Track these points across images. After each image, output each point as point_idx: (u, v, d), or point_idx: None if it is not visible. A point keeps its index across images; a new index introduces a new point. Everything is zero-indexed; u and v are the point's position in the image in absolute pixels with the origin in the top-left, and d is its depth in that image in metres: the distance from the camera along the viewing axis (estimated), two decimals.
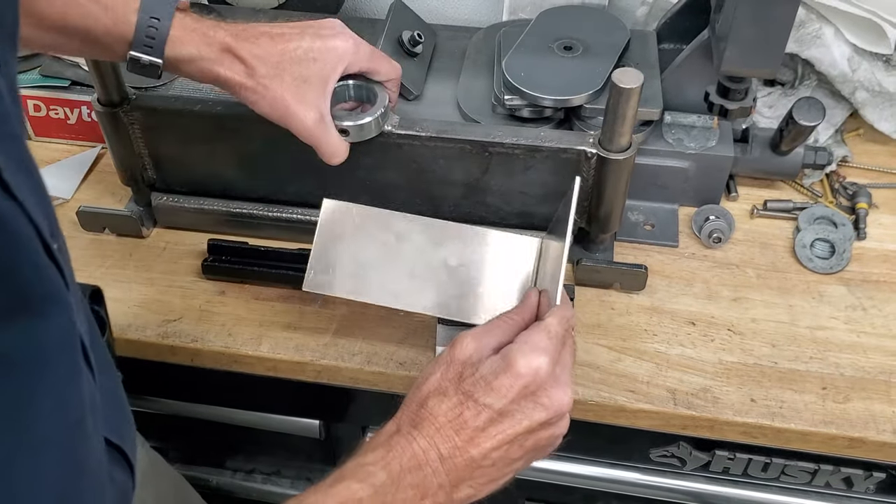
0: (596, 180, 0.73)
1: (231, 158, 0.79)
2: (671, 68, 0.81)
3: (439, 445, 0.51)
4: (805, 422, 0.68)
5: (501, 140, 0.72)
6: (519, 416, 0.52)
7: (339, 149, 0.69)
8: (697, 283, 0.79)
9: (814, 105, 0.79)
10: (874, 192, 0.87)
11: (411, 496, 0.50)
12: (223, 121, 0.75)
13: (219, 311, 0.76)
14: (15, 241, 0.37)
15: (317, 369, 0.73)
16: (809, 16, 0.86)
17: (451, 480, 0.51)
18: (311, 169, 0.72)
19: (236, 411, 0.87)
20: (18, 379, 0.39)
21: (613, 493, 0.84)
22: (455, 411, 0.52)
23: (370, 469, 0.50)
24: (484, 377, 0.53)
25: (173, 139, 0.78)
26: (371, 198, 0.73)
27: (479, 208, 0.78)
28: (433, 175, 0.76)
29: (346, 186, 0.75)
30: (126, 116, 0.76)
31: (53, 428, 0.42)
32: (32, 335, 0.39)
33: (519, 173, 0.75)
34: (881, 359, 0.72)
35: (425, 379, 0.55)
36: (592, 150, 0.71)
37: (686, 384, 0.70)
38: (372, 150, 0.73)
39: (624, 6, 0.99)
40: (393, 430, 0.53)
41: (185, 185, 0.82)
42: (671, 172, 0.82)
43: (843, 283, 0.79)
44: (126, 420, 0.55)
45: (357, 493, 0.48)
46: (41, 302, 0.39)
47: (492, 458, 0.52)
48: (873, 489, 0.77)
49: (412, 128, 0.73)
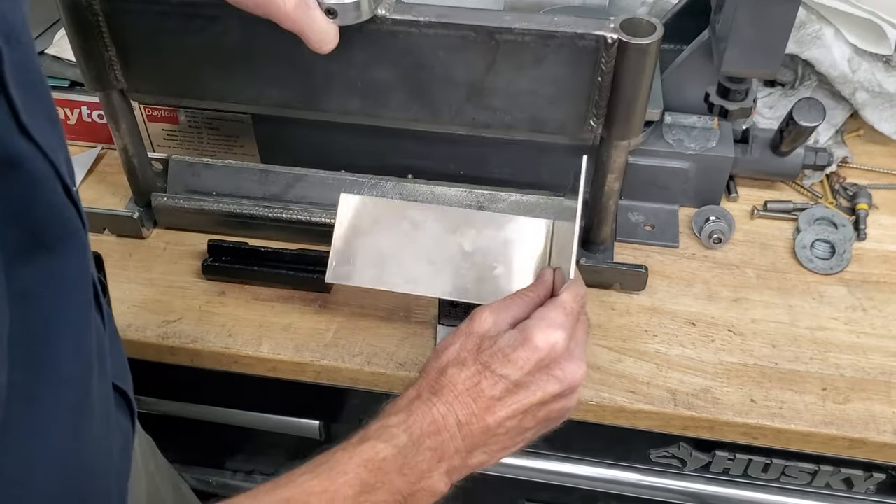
0: (616, 74, 0.66)
1: (206, 55, 0.72)
2: (671, 69, 0.81)
3: (457, 412, 0.53)
4: (805, 422, 0.68)
5: (510, 25, 0.65)
6: (533, 388, 0.54)
7: (328, 33, 0.62)
8: (697, 284, 0.79)
9: (814, 106, 0.79)
10: (874, 192, 0.87)
11: (429, 458, 0.52)
12: (196, 7, 0.68)
13: (219, 312, 0.76)
14: (33, 181, 0.39)
15: (317, 370, 0.73)
16: (809, 16, 0.86)
17: (466, 446, 0.54)
18: (297, 69, 0.68)
19: (236, 412, 0.87)
20: (40, 315, 0.41)
21: (613, 493, 0.84)
22: (473, 380, 0.54)
23: (393, 431, 0.52)
24: (502, 350, 0.55)
25: (142, 32, 0.71)
26: (362, 102, 0.69)
27: (482, 114, 0.71)
28: (432, 72, 0.69)
29: (334, 90, 0.70)
30: (89, 5, 0.68)
31: (72, 366, 0.44)
32: (51, 273, 0.41)
33: (529, 67, 0.67)
34: (881, 359, 0.72)
35: (444, 349, 0.57)
36: (613, 35, 0.63)
37: (686, 385, 0.70)
38: (363, 41, 0.67)
39: (624, 6, 0.99)
40: (413, 396, 0.55)
41: (156, 88, 0.75)
42: (671, 173, 0.82)
43: (843, 284, 0.79)
44: (126, 367, 0.58)
45: (381, 452, 0.51)
46: (59, 241, 0.41)
47: (506, 427, 0.54)
48: (873, 490, 0.77)
49: (409, 12, 0.65)
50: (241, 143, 0.87)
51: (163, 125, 0.88)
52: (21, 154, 0.38)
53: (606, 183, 0.73)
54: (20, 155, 0.38)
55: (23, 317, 0.38)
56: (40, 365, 0.41)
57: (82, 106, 0.91)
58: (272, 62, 0.71)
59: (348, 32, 0.64)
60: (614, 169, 0.72)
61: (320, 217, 0.79)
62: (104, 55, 0.72)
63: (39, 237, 0.40)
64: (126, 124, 0.78)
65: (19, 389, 0.39)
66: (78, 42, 0.71)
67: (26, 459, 0.41)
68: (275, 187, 0.83)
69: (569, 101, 0.68)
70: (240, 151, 0.88)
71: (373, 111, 0.69)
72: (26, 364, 0.40)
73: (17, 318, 0.38)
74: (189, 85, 0.75)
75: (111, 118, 0.77)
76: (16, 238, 0.38)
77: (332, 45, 0.63)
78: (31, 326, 0.40)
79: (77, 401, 0.45)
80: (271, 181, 0.83)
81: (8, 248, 0.37)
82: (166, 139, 0.89)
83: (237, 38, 0.70)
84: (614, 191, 0.74)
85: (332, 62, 0.66)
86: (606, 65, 0.65)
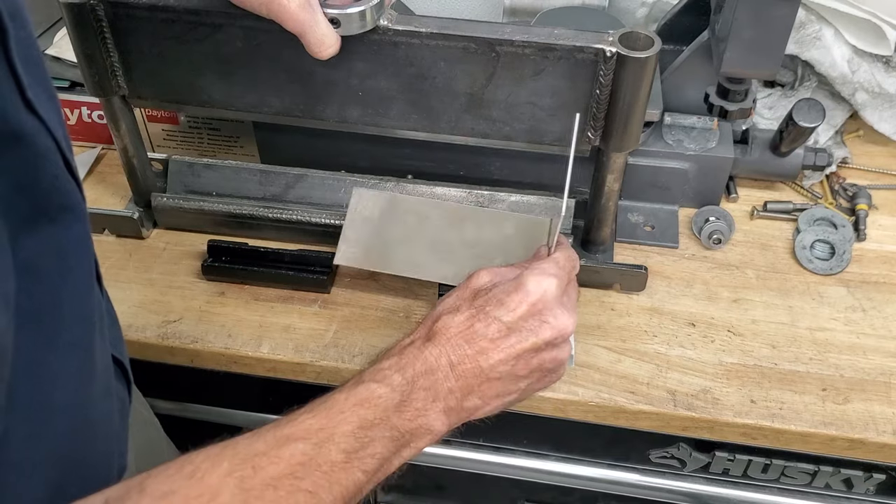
0: (614, 87, 0.67)
1: (208, 63, 0.72)
2: (671, 69, 0.81)
3: (450, 353, 0.55)
4: (805, 423, 0.68)
5: (510, 38, 0.66)
6: (525, 333, 0.56)
7: (328, 36, 0.62)
8: (697, 284, 0.79)
9: (814, 106, 0.79)
10: (874, 193, 0.87)
11: (423, 397, 0.53)
12: (200, 16, 0.69)
13: (218, 312, 0.76)
14: (37, 155, 0.41)
15: (317, 370, 0.73)
16: (809, 17, 0.86)
17: (460, 386, 0.55)
18: (298, 78, 0.68)
19: (236, 412, 0.87)
20: (45, 283, 0.43)
21: (613, 494, 0.84)
22: (466, 323, 0.56)
23: (386, 373, 0.54)
24: (496, 295, 0.57)
25: (145, 39, 0.71)
26: (363, 111, 0.70)
27: (481, 125, 0.72)
28: (433, 83, 0.70)
29: (335, 99, 0.71)
30: (92, 10, 0.69)
31: (77, 330, 0.47)
32: (55, 242, 0.43)
33: (528, 79, 0.68)
34: (881, 360, 0.72)
35: (441, 302, 0.60)
36: (612, 48, 0.65)
37: (686, 385, 0.70)
38: (365, 51, 0.67)
39: (624, 7, 0.99)
40: (406, 343, 0.57)
41: (158, 95, 0.76)
42: (671, 173, 0.82)
43: (842, 285, 0.79)
44: (121, 336, 0.60)
45: (376, 391, 0.52)
46: (61, 211, 0.44)
47: (499, 371, 0.56)
48: (873, 490, 0.77)
49: (411, 23, 0.67)
50: (241, 144, 0.88)
51: (163, 125, 0.88)
52: (26, 128, 0.40)
53: (606, 183, 0.74)
54: (25, 129, 0.40)
55: (29, 285, 0.40)
56: (47, 330, 0.43)
57: (82, 106, 0.91)
58: (274, 71, 0.71)
59: (350, 42, 0.65)
60: (614, 170, 0.72)
61: (320, 217, 0.79)
62: (107, 61, 0.73)
63: (43, 208, 0.42)
64: (126, 125, 0.78)
65: (26, 353, 0.41)
66: (81, 48, 0.71)
67: (34, 421, 0.43)
68: (275, 188, 0.83)
69: (567, 113, 0.69)
70: (240, 152, 0.88)
71: (373, 120, 0.70)
72: (33, 329, 0.41)
73: (23, 286, 0.39)
74: (191, 92, 0.75)
75: (111, 119, 0.77)
76: (21, 209, 0.40)
77: (330, 50, 0.63)
78: (38, 294, 0.42)
79: (80, 364, 0.47)
80: (271, 181, 0.83)
81: (14, 218, 0.39)
82: (166, 139, 0.89)
83: (240, 47, 0.70)
84: (614, 191, 0.75)
85: (333, 71, 0.67)
86: (605, 77, 0.66)
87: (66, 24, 0.70)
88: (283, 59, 0.69)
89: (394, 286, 0.78)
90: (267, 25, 0.62)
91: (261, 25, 0.63)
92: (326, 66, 0.65)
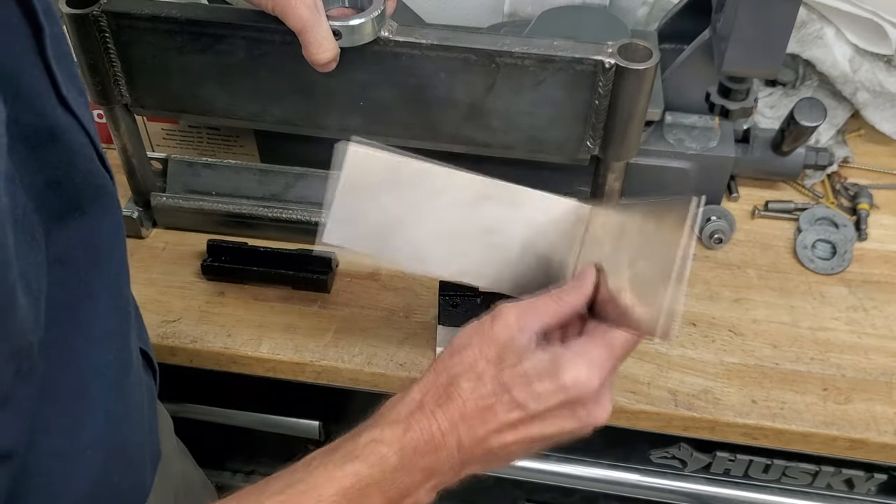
0: (613, 97, 0.67)
1: (211, 73, 0.72)
2: (672, 68, 0.81)
3: (461, 434, 0.48)
4: (806, 423, 0.68)
5: (510, 49, 0.66)
6: (550, 421, 0.49)
7: (327, 41, 0.62)
8: (698, 284, 0.79)
9: (815, 105, 0.79)
10: (875, 192, 0.87)
11: (419, 478, 0.48)
12: (203, 26, 0.69)
13: (218, 312, 0.76)
14: (71, 150, 0.41)
15: (316, 370, 0.73)
16: (811, 16, 0.86)
17: (462, 461, 0.49)
18: (300, 87, 0.68)
19: (236, 412, 0.87)
20: (78, 275, 0.43)
21: (614, 494, 0.84)
22: (487, 401, 0.48)
23: (384, 451, 0.47)
24: (526, 374, 0.49)
25: (148, 49, 0.71)
26: (363, 120, 0.70)
27: (481, 134, 0.71)
28: (433, 92, 0.70)
29: (336, 108, 0.71)
30: (96, 21, 0.69)
31: (111, 322, 0.47)
32: (87, 234, 0.44)
33: (528, 90, 0.68)
34: (882, 360, 0.72)
35: (460, 349, 0.51)
36: (611, 60, 0.65)
37: (687, 385, 0.70)
38: (366, 61, 0.67)
39: (625, 6, 0.99)
40: (416, 405, 0.49)
41: (160, 103, 0.76)
42: (672, 173, 0.82)
43: (844, 284, 0.79)
44: (144, 327, 0.61)
45: (365, 479, 0.46)
46: (92, 203, 0.44)
47: (509, 450, 0.50)
48: (874, 491, 0.77)
49: (412, 34, 0.66)
50: (241, 143, 0.87)
51: (162, 125, 0.88)
52: (61, 125, 0.40)
53: (607, 183, 0.73)
54: (60, 126, 0.40)
55: (61, 277, 0.41)
56: (81, 320, 0.44)
57: None
58: (276, 80, 0.72)
59: (352, 52, 0.65)
60: (615, 169, 0.72)
61: (320, 217, 0.79)
62: (110, 71, 0.73)
63: (76, 202, 0.42)
64: (125, 125, 0.78)
65: (62, 343, 0.42)
66: (84, 58, 0.72)
67: (74, 409, 0.44)
68: (274, 187, 0.83)
69: (566, 123, 0.69)
70: (239, 151, 0.88)
71: (374, 129, 0.70)
72: (68, 320, 0.42)
73: (55, 279, 0.40)
74: (193, 101, 0.75)
75: (111, 120, 0.77)
76: (55, 204, 0.40)
77: (327, 55, 0.63)
78: (71, 285, 0.42)
79: (117, 352, 0.48)
80: (271, 181, 0.83)
81: (47, 213, 0.39)
82: (166, 139, 0.89)
83: (242, 57, 0.71)
84: (615, 191, 0.74)
85: (334, 81, 0.67)
86: (604, 88, 0.66)
87: (70, 35, 0.70)
88: (285, 69, 0.69)
89: (394, 286, 0.77)
90: (269, 36, 0.63)
91: (263, 36, 0.64)
92: (328, 75, 0.66)
